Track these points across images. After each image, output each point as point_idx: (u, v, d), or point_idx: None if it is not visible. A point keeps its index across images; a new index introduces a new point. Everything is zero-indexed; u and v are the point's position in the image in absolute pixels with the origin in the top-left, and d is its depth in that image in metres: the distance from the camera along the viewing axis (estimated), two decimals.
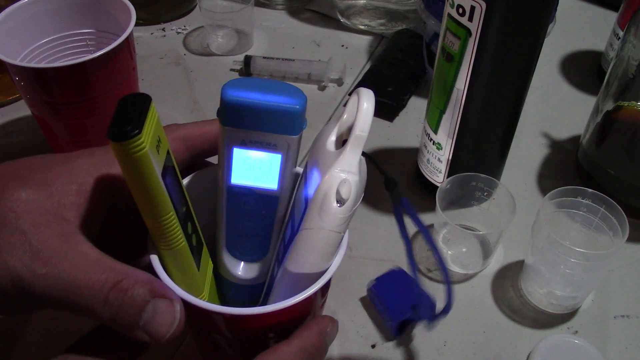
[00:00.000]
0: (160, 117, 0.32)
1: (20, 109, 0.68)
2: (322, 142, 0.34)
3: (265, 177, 0.37)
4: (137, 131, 0.28)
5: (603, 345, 0.50)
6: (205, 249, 0.39)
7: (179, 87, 0.73)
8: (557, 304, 0.51)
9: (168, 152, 0.33)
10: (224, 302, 0.41)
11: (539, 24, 0.47)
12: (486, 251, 0.55)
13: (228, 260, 0.40)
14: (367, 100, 0.32)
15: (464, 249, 0.55)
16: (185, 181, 0.39)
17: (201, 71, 0.75)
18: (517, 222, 0.52)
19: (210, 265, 0.40)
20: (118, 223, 0.36)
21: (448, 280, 0.37)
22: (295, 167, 0.37)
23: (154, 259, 0.35)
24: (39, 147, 0.63)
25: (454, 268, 0.54)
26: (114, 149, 0.29)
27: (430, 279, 0.54)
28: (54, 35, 0.59)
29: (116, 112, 0.29)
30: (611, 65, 0.57)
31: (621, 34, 0.68)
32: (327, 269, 0.36)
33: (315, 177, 0.33)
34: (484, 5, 0.44)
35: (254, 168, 0.36)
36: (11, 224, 0.31)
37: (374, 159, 0.35)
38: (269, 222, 0.38)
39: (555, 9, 0.59)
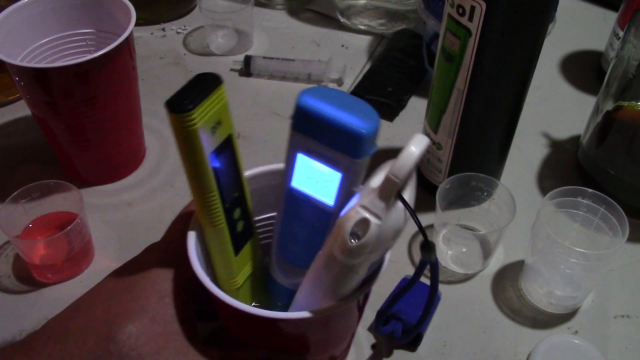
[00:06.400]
0: (160, 117, 0.32)
1: (20, 109, 0.68)
2: (373, 175, 0.33)
3: (323, 190, 0.36)
4: (190, 107, 0.30)
5: (603, 345, 0.50)
6: (255, 241, 0.39)
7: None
8: (557, 304, 0.51)
9: (229, 138, 0.34)
10: (267, 299, 0.42)
11: (539, 24, 0.47)
12: (486, 251, 0.55)
13: (277, 259, 0.40)
14: (415, 144, 0.30)
15: (464, 249, 0.55)
16: (251, 172, 0.40)
17: (201, 71, 0.74)
18: (517, 222, 0.52)
19: (257, 257, 0.40)
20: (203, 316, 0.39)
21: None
22: (358, 187, 0.36)
23: (190, 235, 0.36)
24: (39, 147, 0.63)
25: (454, 268, 0.54)
26: (169, 118, 0.30)
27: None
28: (54, 35, 0.59)
29: (184, 86, 0.31)
30: (611, 65, 0.57)
31: (621, 34, 0.68)
32: (333, 297, 0.34)
33: (350, 205, 0.33)
34: (484, 5, 0.44)
35: (314, 178, 0.36)
36: None
37: (415, 215, 0.32)
38: (321, 234, 0.37)
39: (555, 9, 0.59)
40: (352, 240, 0.31)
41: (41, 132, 0.58)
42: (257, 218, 0.40)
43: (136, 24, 0.54)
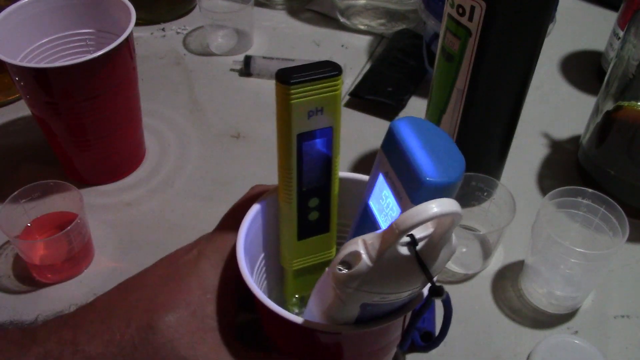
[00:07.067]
0: (160, 117, 0.32)
1: (20, 109, 0.68)
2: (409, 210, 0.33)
3: (386, 219, 0.35)
4: (291, 82, 0.31)
5: (603, 345, 0.50)
6: (328, 237, 0.39)
7: (179, 87, 0.73)
8: (557, 304, 0.51)
9: (329, 131, 0.34)
10: None
11: (539, 24, 0.47)
12: (486, 251, 0.55)
13: None
14: (437, 203, 0.28)
15: (464, 249, 0.55)
16: (348, 175, 0.40)
17: (201, 71, 0.75)
18: (517, 222, 0.52)
19: (327, 255, 0.40)
20: (244, 307, 0.40)
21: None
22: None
23: (254, 207, 0.38)
24: (39, 147, 0.63)
25: (454, 268, 0.54)
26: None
27: None
28: (54, 35, 0.59)
29: (306, 63, 0.32)
30: (611, 65, 0.57)
31: (621, 34, 0.68)
32: (324, 317, 0.34)
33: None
34: (484, 5, 0.44)
35: (384, 204, 0.35)
36: (170, 353, 0.35)
37: (426, 269, 0.30)
38: None
39: (555, 9, 0.59)
40: (341, 269, 0.30)
41: (41, 132, 0.58)
42: (339, 220, 0.40)
43: (136, 24, 0.54)
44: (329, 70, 0.31)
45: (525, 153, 0.65)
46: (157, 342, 0.34)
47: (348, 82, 0.74)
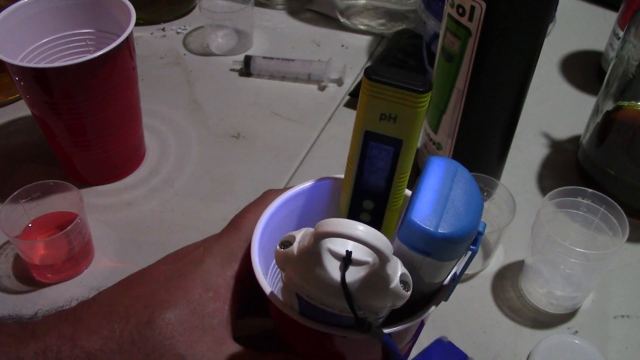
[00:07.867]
0: (160, 117, 0.32)
1: (20, 109, 0.68)
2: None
3: None
4: (371, 79, 0.31)
5: (603, 345, 0.50)
6: None
7: (179, 87, 0.73)
8: (557, 304, 0.51)
9: (399, 143, 0.34)
10: None
11: (539, 24, 0.47)
12: (486, 251, 0.55)
13: None
14: (364, 230, 0.28)
15: None
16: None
17: (201, 71, 0.75)
18: (517, 222, 0.52)
19: None
20: (248, 304, 0.40)
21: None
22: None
23: (272, 206, 0.38)
24: (39, 147, 0.63)
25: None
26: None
27: None
28: (54, 35, 0.59)
29: (407, 71, 0.32)
30: (611, 65, 0.57)
31: (621, 34, 0.68)
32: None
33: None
34: (484, 5, 0.44)
35: None
36: (168, 350, 0.34)
37: (348, 293, 0.30)
38: None
39: (555, 9, 0.59)
40: (280, 247, 0.31)
41: (41, 132, 0.58)
42: None
43: (136, 24, 0.54)
44: (414, 84, 0.31)
45: (525, 153, 0.65)
46: (155, 339, 0.34)
47: (348, 82, 0.74)
